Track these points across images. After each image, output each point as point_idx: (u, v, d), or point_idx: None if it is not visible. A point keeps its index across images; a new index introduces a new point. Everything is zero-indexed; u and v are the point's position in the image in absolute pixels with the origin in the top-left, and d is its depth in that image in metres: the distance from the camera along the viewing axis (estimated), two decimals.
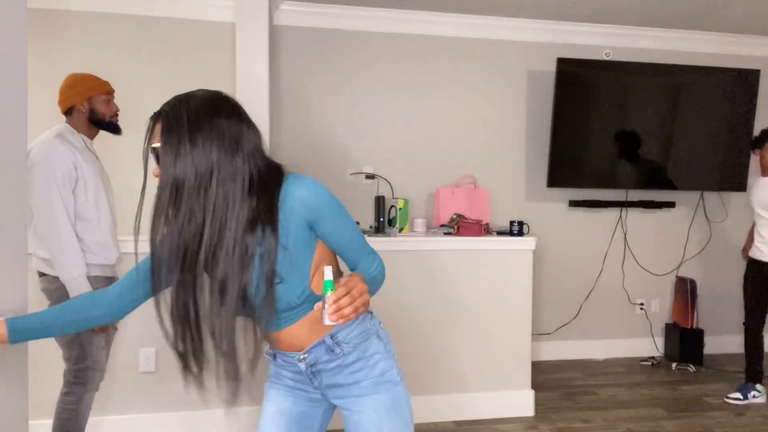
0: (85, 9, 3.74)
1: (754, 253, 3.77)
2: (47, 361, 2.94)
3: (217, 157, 1.23)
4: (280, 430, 1.48)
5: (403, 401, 1.45)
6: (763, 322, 3.75)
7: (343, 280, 1.18)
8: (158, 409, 3.06)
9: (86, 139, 2.53)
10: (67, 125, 2.50)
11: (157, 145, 1.25)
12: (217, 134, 1.23)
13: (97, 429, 2.95)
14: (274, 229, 1.26)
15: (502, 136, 4.53)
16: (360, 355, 1.42)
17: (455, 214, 3.63)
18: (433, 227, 3.97)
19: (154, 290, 1.33)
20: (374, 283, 1.36)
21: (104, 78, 2.64)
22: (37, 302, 2.59)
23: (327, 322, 1.17)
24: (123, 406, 2.94)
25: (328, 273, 1.20)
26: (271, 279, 1.27)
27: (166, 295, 1.33)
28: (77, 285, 2.34)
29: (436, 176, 4.33)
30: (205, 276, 1.31)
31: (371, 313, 1.50)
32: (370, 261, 1.39)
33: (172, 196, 1.22)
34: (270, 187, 1.28)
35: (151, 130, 1.27)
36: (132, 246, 2.66)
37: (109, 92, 2.54)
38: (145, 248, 1.29)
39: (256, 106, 3.20)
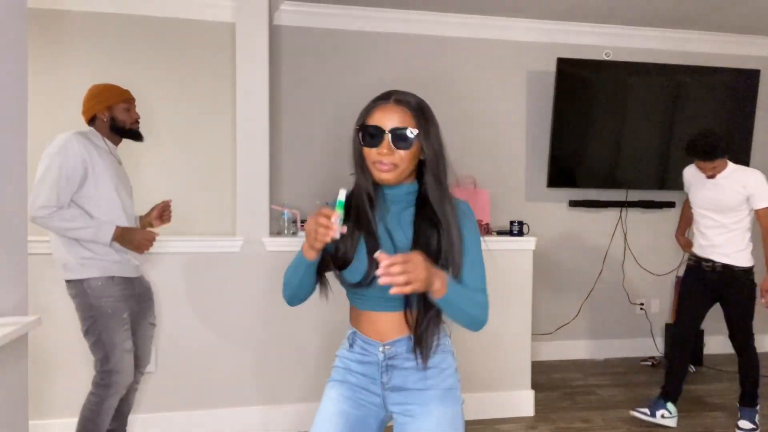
0: (85, 9, 3.74)
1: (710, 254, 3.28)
2: (51, 361, 2.94)
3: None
4: (337, 427, 1.46)
5: (462, 423, 1.48)
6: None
7: (409, 255, 1.25)
8: (158, 409, 3.06)
9: (110, 144, 2.59)
10: (93, 129, 2.57)
11: (407, 129, 1.41)
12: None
13: None
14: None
15: (502, 137, 4.53)
16: (435, 364, 1.47)
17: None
18: None
19: None
20: (460, 303, 1.38)
21: (105, 78, 2.65)
22: (64, 305, 2.60)
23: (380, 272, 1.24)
24: None
25: (342, 194, 1.31)
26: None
27: None
28: (105, 232, 2.42)
29: None
30: None
31: (449, 335, 1.55)
32: (476, 291, 1.46)
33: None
34: None
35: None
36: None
37: (129, 100, 2.59)
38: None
39: (256, 106, 3.21)
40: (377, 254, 1.25)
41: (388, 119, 1.42)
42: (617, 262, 4.76)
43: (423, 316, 1.42)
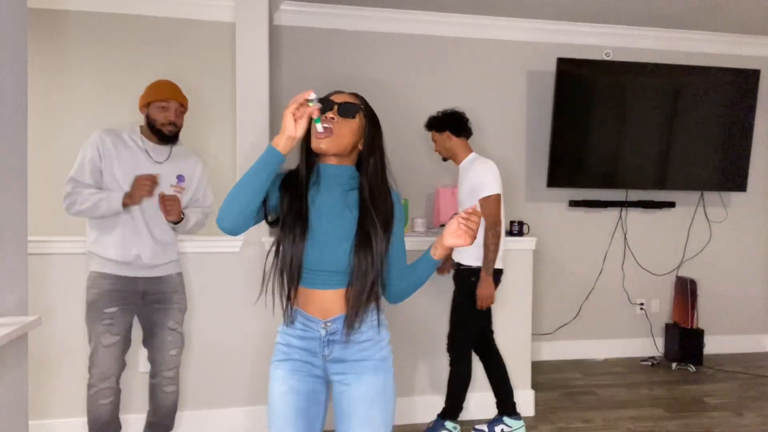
0: (85, 9, 3.74)
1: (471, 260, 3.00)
2: (51, 361, 2.94)
3: None
4: (290, 406, 1.59)
5: (393, 391, 1.63)
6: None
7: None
8: None
9: (147, 142, 2.58)
10: (135, 127, 2.63)
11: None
12: None
13: None
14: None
15: (502, 136, 4.53)
16: (371, 337, 1.61)
17: (455, 214, 3.63)
18: (433, 227, 3.97)
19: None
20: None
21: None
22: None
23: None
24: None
25: (312, 95, 1.45)
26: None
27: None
28: (114, 199, 2.45)
29: (436, 176, 4.33)
30: None
31: (383, 310, 1.67)
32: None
33: None
34: None
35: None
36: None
37: (165, 99, 2.54)
38: None
39: (256, 106, 3.21)
40: (472, 207, 1.56)
41: (339, 98, 1.62)
42: (617, 262, 4.76)
43: (364, 293, 1.55)
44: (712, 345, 4.79)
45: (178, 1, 3.84)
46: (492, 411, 3.38)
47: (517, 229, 3.54)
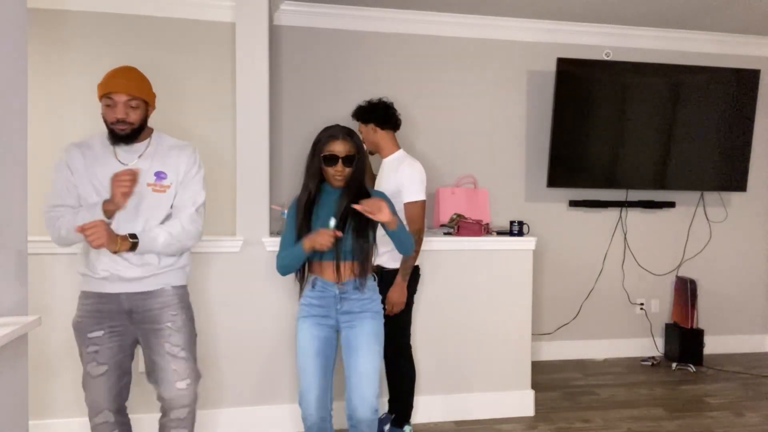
0: (85, 9, 3.74)
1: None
2: (51, 361, 2.94)
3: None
4: (312, 347, 2.31)
5: (382, 334, 2.37)
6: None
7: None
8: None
9: (114, 144, 2.27)
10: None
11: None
12: None
13: None
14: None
15: (502, 136, 4.53)
16: (371, 297, 2.37)
17: (455, 214, 3.63)
18: (433, 227, 3.96)
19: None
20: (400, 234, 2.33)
21: (103, 79, 2.61)
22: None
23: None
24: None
25: (332, 222, 2.22)
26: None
27: None
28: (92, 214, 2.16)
29: (436, 176, 4.33)
30: None
31: (375, 280, 2.46)
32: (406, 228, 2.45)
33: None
34: None
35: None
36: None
37: (109, 93, 2.19)
38: None
39: (256, 106, 3.21)
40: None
41: (339, 149, 2.29)
42: (617, 262, 4.76)
43: (361, 262, 2.32)
44: (712, 345, 4.79)
45: (178, 1, 3.83)
46: (490, 411, 3.38)
47: (517, 229, 3.54)
